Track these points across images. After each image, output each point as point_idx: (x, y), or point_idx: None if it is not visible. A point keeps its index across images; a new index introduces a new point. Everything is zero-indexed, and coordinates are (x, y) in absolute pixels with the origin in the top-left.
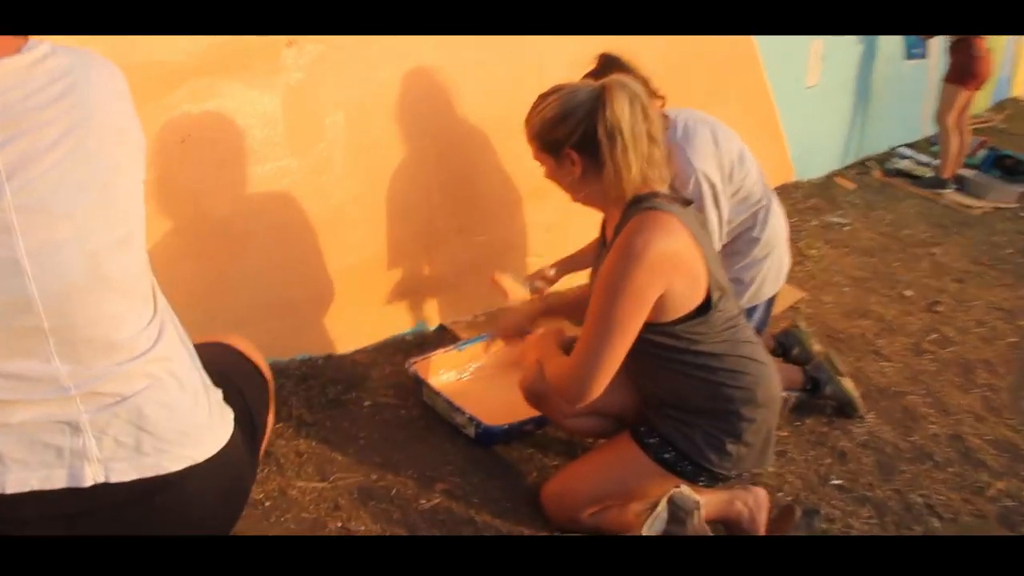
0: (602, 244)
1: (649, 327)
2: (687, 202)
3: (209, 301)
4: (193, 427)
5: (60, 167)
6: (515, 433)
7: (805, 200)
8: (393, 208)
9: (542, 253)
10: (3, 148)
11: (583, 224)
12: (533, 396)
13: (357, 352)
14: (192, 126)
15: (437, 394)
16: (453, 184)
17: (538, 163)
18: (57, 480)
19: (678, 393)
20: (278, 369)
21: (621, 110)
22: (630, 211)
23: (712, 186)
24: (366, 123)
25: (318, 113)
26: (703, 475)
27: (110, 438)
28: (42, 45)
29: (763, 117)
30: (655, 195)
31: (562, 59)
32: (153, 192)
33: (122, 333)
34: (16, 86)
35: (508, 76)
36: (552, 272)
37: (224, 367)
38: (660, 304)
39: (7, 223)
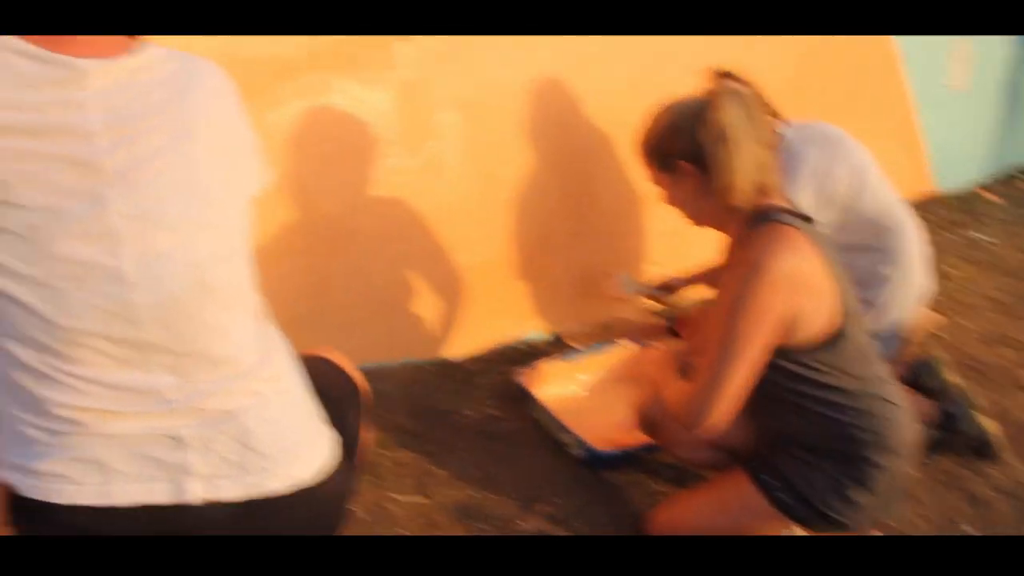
0: (724, 263)
1: (775, 353)
2: (808, 218)
3: (316, 298)
4: (298, 446)
5: (165, 176)
6: (625, 460)
7: (945, 214)
8: (507, 211)
9: (663, 261)
10: (109, 153)
11: (708, 233)
12: (646, 422)
13: (465, 359)
14: (302, 122)
15: (543, 409)
16: (571, 187)
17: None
18: (159, 494)
19: (802, 431)
20: (383, 373)
21: (728, 113)
22: (751, 226)
23: None
24: (481, 122)
25: (431, 111)
26: (821, 522)
27: (214, 454)
28: (152, 48)
29: (900, 124)
30: (777, 209)
31: (684, 59)
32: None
33: (227, 348)
34: (124, 89)
35: (628, 76)
36: (673, 283)
37: (323, 382)
38: (786, 327)
39: (111, 230)
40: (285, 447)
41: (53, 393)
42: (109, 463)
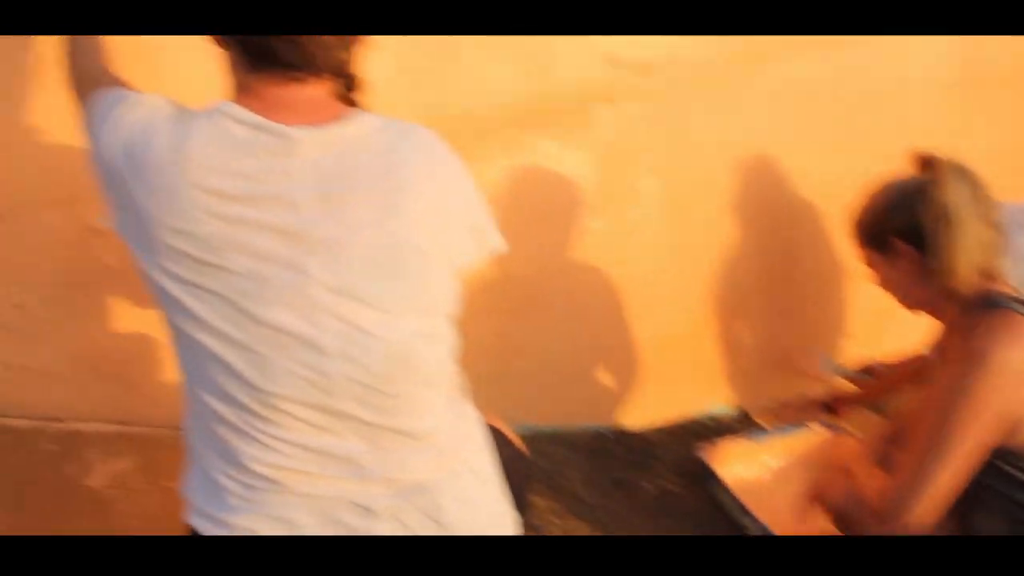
0: (937, 352)
1: (992, 453)
2: None
3: (503, 359)
4: (486, 524)
5: (369, 252)
6: None
7: None
8: (703, 280)
9: (866, 341)
10: (315, 224)
11: (919, 316)
12: (837, 513)
13: (647, 430)
14: (500, 180)
15: (726, 489)
16: (772, 260)
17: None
18: None
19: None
20: (562, 438)
21: (952, 191)
22: (973, 312)
23: None
24: (681, 190)
25: (631, 176)
26: None
27: (403, 526)
28: (365, 116)
29: None
30: (1004, 295)
31: (901, 135)
32: None
33: (423, 423)
34: (333, 159)
35: (841, 147)
36: (875, 367)
37: (500, 455)
38: (1009, 426)
39: (314, 301)
40: (476, 524)
41: (253, 449)
42: (299, 524)
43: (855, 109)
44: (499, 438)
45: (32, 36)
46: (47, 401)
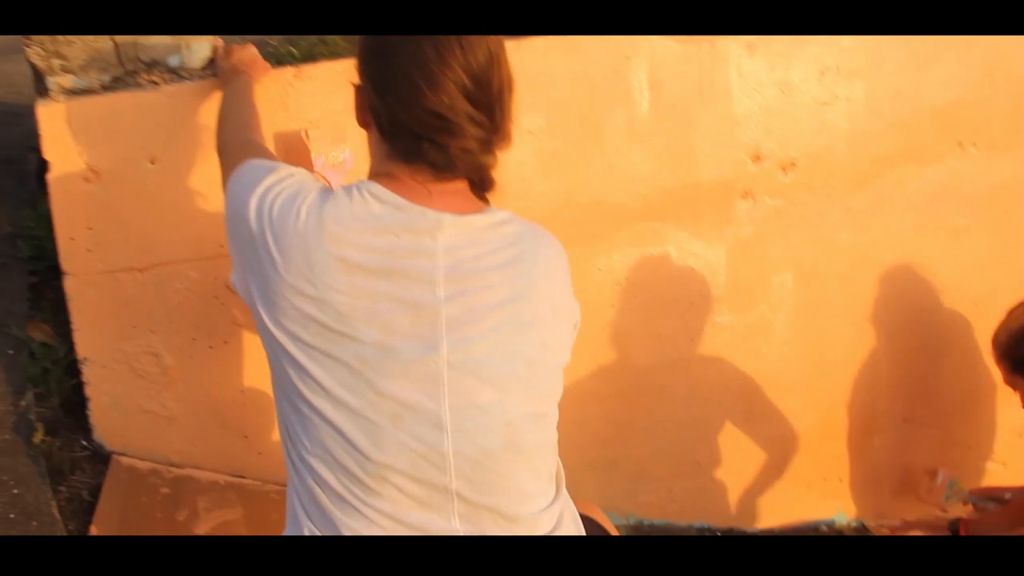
0: None
1: None
2: None
3: (612, 447)
4: None
5: (496, 333)
6: None
7: None
8: (832, 382)
9: (1007, 461)
10: (448, 302)
11: None
12: None
13: (761, 532)
14: (628, 269)
15: None
16: (905, 365)
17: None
18: None
19: None
20: (671, 533)
21: None
22: None
23: None
24: (816, 287)
25: (765, 271)
26: None
27: None
28: (501, 212)
29: None
30: None
31: None
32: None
33: (525, 508)
34: (472, 244)
35: (989, 257)
36: (1005, 496)
37: None
38: None
39: (438, 376)
40: None
41: (348, 519)
42: None
43: (1011, 216)
44: (592, 527)
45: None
46: (168, 446)
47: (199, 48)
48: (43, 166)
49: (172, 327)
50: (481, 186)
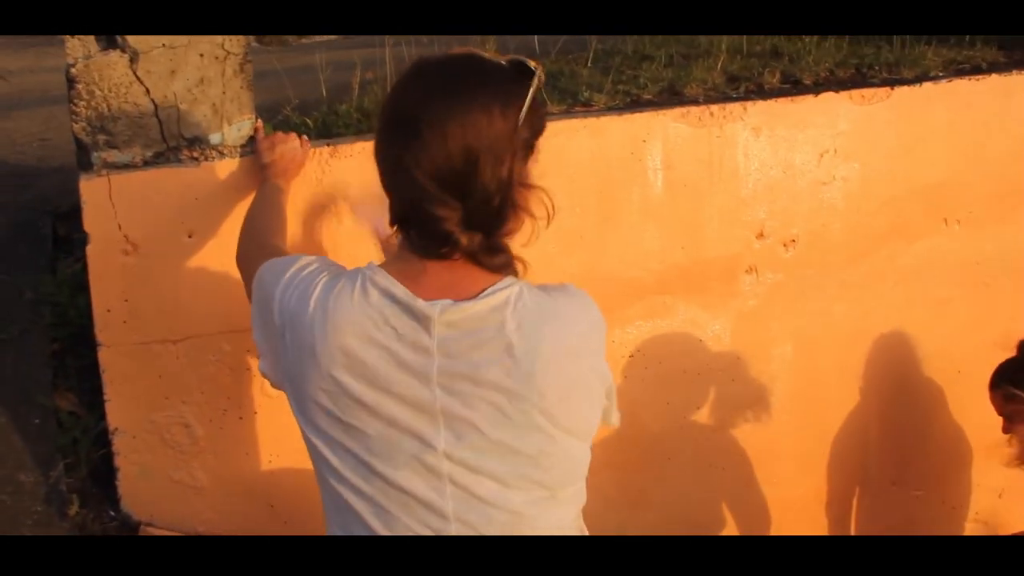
0: None
1: None
2: None
3: (621, 510)
4: None
5: (490, 427)
6: None
7: None
8: (827, 448)
9: (987, 520)
10: (443, 398)
11: None
12: None
13: None
14: (641, 341)
15: None
16: (894, 430)
17: (996, 417)
18: None
19: None
20: None
21: None
22: None
23: None
24: (813, 357)
25: (767, 342)
26: None
27: None
28: (508, 290)
29: None
30: None
31: None
32: None
33: None
34: (465, 336)
35: (973, 323)
36: None
37: None
38: None
39: (437, 469)
40: None
41: None
42: None
43: (992, 288)
44: None
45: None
46: (195, 515)
47: (240, 126)
48: (58, 229)
49: (204, 398)
50: (487, 264)
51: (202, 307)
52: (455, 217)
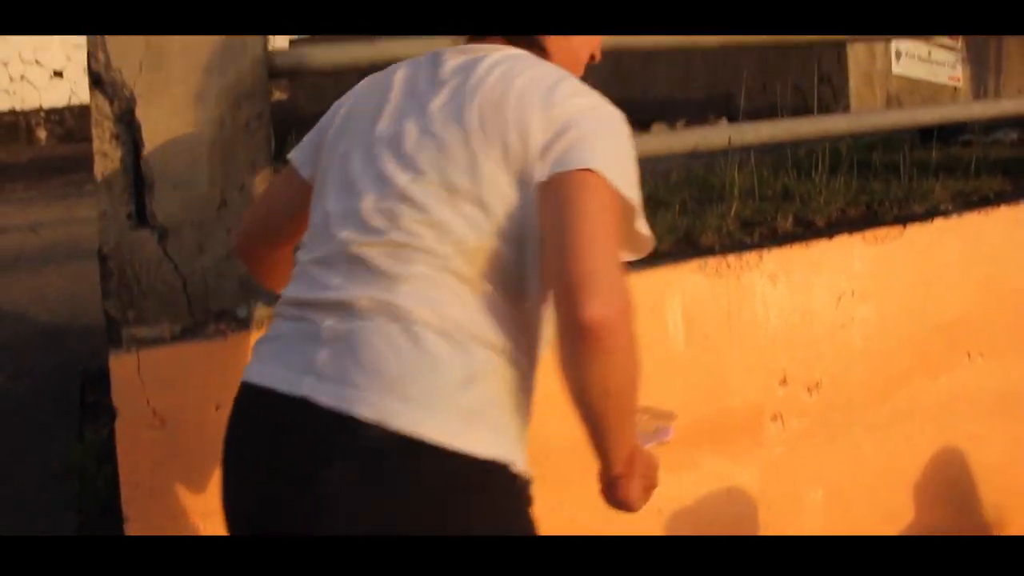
0: None
1: None
2: None
3: None
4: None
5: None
6: None
7: None
8: None
9: None
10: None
11: None
12: None
13: None
14: (667, 497)
15: None
16: None
17: None
18: None
19: None
20: None
21: None
22: None
23: None
24: (844, 502)
25: (796, 489)
26: None
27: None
28: (516, 51)
29: None
30: None
31: None
32: None
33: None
34: (457, 66)
35: (1012, 459)
36: None
37: None
38: None
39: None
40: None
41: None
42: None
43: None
44: None
45: None
46: None
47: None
48: (86, 394)
49: None
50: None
51: None
52: None
